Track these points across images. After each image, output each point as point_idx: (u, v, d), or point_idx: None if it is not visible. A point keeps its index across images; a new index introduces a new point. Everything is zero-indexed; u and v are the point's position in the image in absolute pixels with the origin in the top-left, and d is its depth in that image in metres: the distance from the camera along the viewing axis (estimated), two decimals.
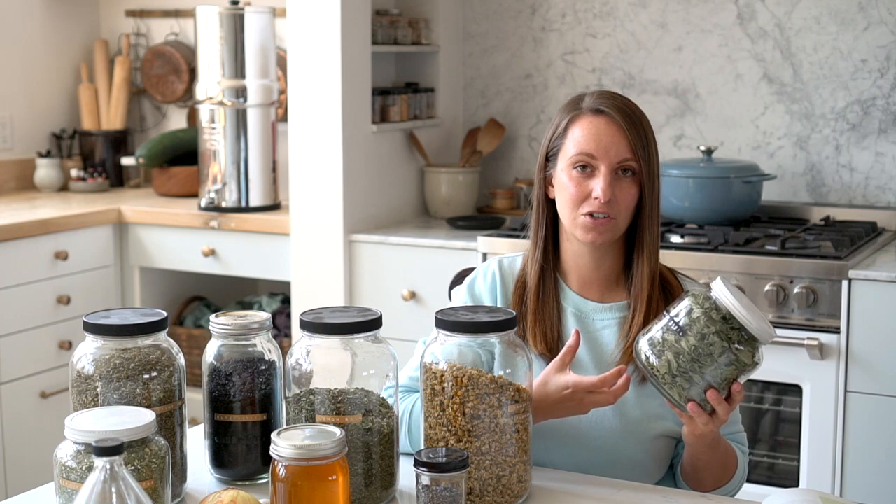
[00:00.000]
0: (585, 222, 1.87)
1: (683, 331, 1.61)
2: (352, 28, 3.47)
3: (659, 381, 1.63)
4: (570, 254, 1.95)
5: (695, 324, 1.61)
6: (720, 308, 1.62)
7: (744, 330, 1.61)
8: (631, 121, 1.87)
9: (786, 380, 2.98)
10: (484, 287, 1.98)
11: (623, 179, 1.88)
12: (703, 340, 1.60)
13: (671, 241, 3.18)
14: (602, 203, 1.85)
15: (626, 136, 1.86)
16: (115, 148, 4.45)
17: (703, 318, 1.61)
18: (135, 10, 4.53)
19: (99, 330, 1.65)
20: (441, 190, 3.79)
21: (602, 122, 1.87)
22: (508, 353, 1.67)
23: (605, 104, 1.88)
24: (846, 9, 3.45)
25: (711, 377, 1.62)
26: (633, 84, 3.74)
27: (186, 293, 4.17)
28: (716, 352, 1.60)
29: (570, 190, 1.88)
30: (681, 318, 1.63)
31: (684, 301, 1.65)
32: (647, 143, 1.89)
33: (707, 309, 1.62)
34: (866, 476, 2.91)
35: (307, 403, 1.65)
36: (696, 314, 1.62)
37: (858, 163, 3.48)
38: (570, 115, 1.91)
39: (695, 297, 1.64)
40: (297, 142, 3.54)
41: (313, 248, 3.54)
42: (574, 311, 1.93)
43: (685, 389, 1.62)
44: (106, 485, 1.31)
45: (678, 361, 1.61)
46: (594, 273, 1.94)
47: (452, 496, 1.53)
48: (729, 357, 1.61)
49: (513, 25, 3.91)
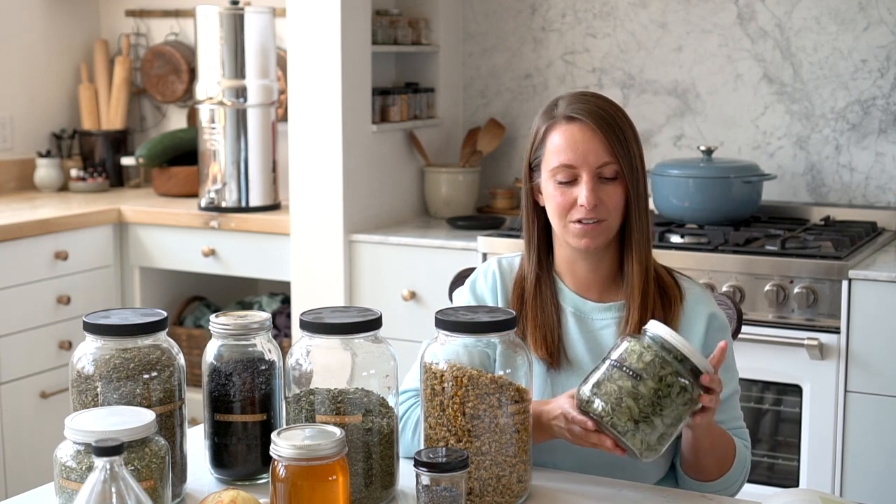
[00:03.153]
0: (576, 229, 1.87)
1: (639, 375, 1.61)
2: (352, 28, 3.47)
3: (619, 430, 1.62)
4: (565, 258, 1.95)
5: (650, 367, 1.61)
6: (669, 348, 1.63)
7: (691, 364, 1.63)
8: (605, 123, 1.86)
9: (786, 380, 2.98)
10: (485, 287, 1.98)
11: (607, 182, 1.87)
12: (661, 382, 1.61)
13: (671, 241, 3.18)
14: (588, 210, 1.85)
15: (603, 140, 1.85)
16: (115, 148, 4.45)
17: (657, 360, 1.62)
18: (135, 10, 4.53)
19: (99, 330, 1.65)
20: (441, 190, 3.79)
21: (576, 128, 1.86)
22: (508, 353, 1.67)
23: (577, 110, 1.87)
24: (846, 9, 3.45)
25: (669, 418, 1.62)
26: (633, 84, 3.74)
27: (186, 293, 4.17)
28: (674, 392, 1.61)
29: (556, 199, 1.88)
30: (632, 363, 1.62)
31: (625, 346, 1.65)
32: (626, 142, 1.87)
33: (657, 351, 1.62)
34: (866, 476, 2.91)
35: (307, 403, 1.65)
36: (648, 357, 1.62)
37: (858, 163, 3.48)
38: (546, 123, 1.91)
39: (637, 340, 1.65)
40: (297, 142, 3.54)
41: (313, 248, 3.54)
42: (573, 311, 1.93)
43: (647, 434, 1.61)
44: (106, 485, 1.31)
45: (639, 407, 1.61)
46: (591, 276, 1.94)
47: (452, 496, 1.53)
48: (684, 396, 1.62)
49: (513, 25, 3.91)
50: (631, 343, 1.65)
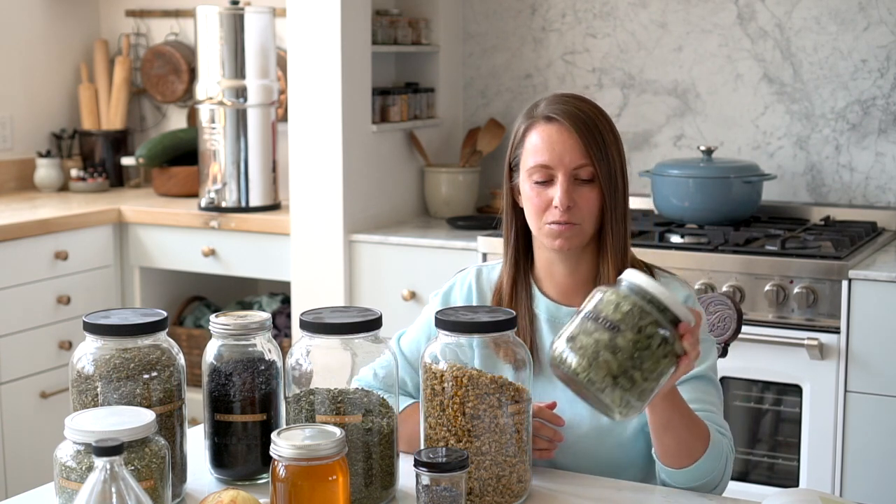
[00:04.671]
0: (550, 230, 1.86)
1: (616, 327, 1.49)
2: (352, 28, 3.47)
3: (597, 386, 1.49)
4: (544, 261, 1.93)
5: (628, 317, 1.49)
6: (649, 297, 1.51)
7: (672, 315, 1.51)
8: (584, 125, 1.84)
9: (786, 380, 2.98)
10: (460, 296, 1.98)
11: (583, 185, 1.85)
12: (640, 333, 1.49)
13: (671, 241, 3.18)
14: (562, 212, 1.84)
15: (578, 141, 1.84)
16: (115, 148, 4.45)
17: (635, 310, 1.50)
18: (135, 10, 4.53)
19: (99, 330, 1.65)
20: (441, 190, 3.79)
21: (554, 129, 1.85)
22: (508, 354, 1.67)
23: (556, 111, 1.86)
24: (846, 9, 3.45)
25: (649, 372, 1.50)
26: (633, 84, 3.74)
27: (186, 293, 4.17)
28: (654, 343, 1.50)
29: (531, 201, 1.87)
30: (609, 314, 1.50)
31: (599, 297, 1.53)
32: (605, 146, 1.85)
33: (636, 300, 1.50)
34: (866, 476, 2.91)
35: (307, 403, 1.65)
36: (626, 307, 1.50)
37: (858, 163, 3.48)
38: (525, 123, 1.90)
39: (613, 290, 1.53)
40: (297, 142, 3.54)
41: (313, 248, 3.54)
42: (547, 318, 1.92)
43: (626, 390, 1.49)
44: (106, 485, 1.31)
45: (617, 360, 1.48)
46: (569, 279, 1.92)
47: (452, 496, 1.53)
48: (664, 348, 1.50)
49: (513, 25, 3.91)
50: (606, 293, 1.53)
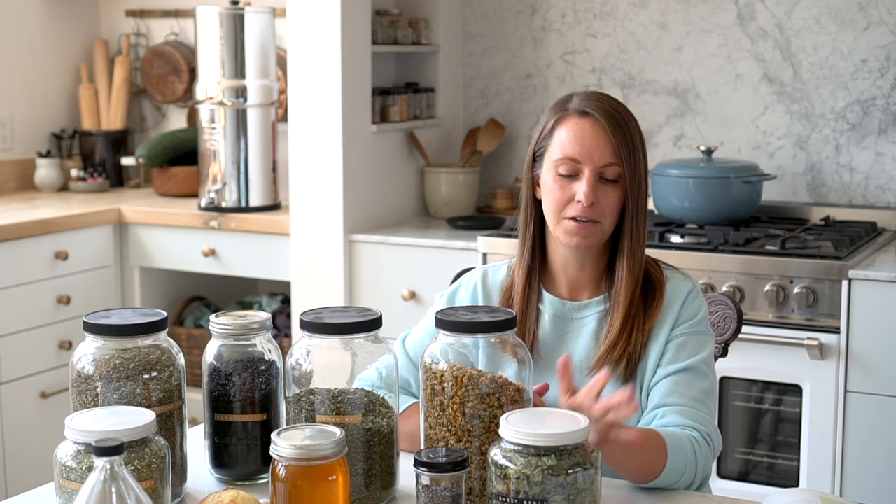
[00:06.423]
0: (569, 226, 1.86)
1: (545, 499, 1.44)
2: (352, 28, 3.47)
3: None
4: (557, 255, 1.94)
5: (545, 481, 1.44)
6: (540, 450, 1.45)
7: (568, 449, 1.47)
8: (617, 124, 1.85)
9: (786, 380, 2.98)
10: (465, 299, 1.98)
11: (607, 184, 1.85)
12: (565, 488, 1.44)
13: (671, 241, 3.19)
14: (585, 207, 1.83)
15: (611, 140, 1.84)
16: (115, 148, 4.45)
17: (544, 471, 1.44)
18: (135, 10, 4.53)
19: (99, 330, 1.65)
20: (441, 190, 3.79)
21: (587, 124, 1.85)
22: (507, 354, 1.67)
23: (591, 106, 1.86)
24: (846, 9, 3.45)
25: (592, 493, 1.47)
26: (633, 84, 3.74)
27: (186, 293, 4.17)
28: (578, 479, 1.45)
29: (553, 193, 1.87)
30: (528, 491, 1.44)
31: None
32: (633, 148, 1.86)
33: (534, 461, 1.45)
34: (866, 476, 2.91)
35: (307, 403, 1.65)
36: (536, 476, 1.45)
37: (858, 163, 3.48)
38: (556, 115, 1.89)
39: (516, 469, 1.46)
40: (297, 142, 3.54)
41: (313, 248, 3.54)
42: (552, 315, 1.93)
43: None
44: (106, 485, 1.31)
45: None
46: (580, 274, 1.93)
47: (452, 496, 1.53)
48: (587, 472, 1.46)
49: (513, 25, 3.91)
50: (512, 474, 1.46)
